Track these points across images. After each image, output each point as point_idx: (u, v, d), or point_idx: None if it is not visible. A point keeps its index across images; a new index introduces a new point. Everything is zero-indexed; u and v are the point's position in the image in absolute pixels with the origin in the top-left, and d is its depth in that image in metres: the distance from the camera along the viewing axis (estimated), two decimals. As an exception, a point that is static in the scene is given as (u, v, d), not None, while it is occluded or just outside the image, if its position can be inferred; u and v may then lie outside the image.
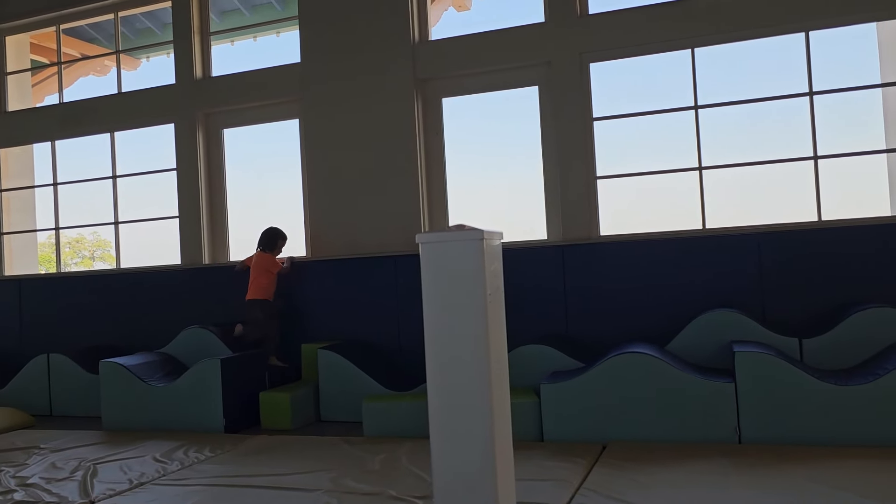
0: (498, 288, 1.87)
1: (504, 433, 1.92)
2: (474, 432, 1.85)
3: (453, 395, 1.90)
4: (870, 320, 4.84)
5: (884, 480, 3.55)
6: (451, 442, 1.91)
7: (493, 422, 1.83)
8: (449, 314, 1.86)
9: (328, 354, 5.84)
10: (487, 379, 1.82)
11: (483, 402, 1.84)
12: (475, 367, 1.84)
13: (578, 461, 4.20)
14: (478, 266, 1.79)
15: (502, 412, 1.89)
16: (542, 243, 6.14)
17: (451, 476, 1.90)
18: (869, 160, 5.73)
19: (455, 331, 1.86)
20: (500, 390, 1.89)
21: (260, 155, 7.59)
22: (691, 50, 5.88)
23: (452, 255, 1.81)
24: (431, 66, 6.50)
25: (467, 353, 1.84)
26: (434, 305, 1.90)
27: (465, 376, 1.85)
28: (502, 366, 1.91)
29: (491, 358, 1.82)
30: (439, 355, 1.93)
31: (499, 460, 1.85)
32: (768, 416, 4.38)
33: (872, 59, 6.18)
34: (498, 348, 1.88)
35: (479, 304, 1.82)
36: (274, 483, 4.17)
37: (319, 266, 6.61)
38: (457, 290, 1.83)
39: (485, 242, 1.80)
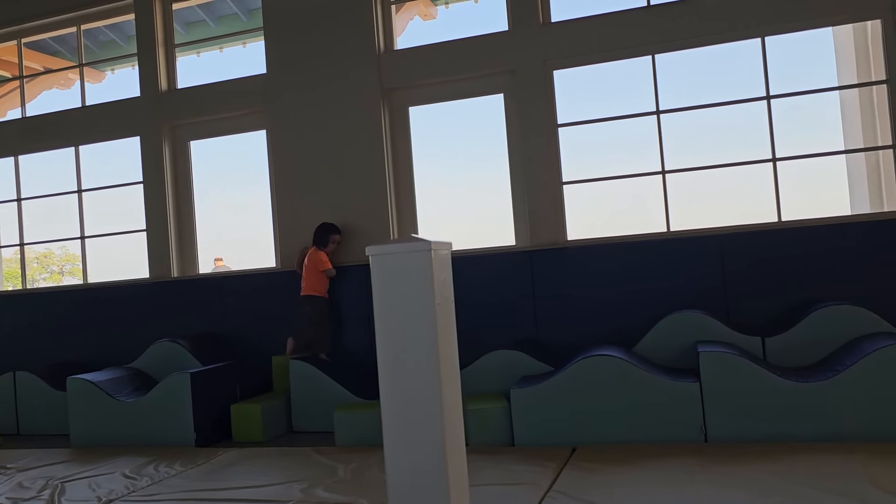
0: (447, 297, 1.91)
1: (456, 438, 1.94)
2: (426, 438, 1.88)
3: (405, 401, 1.93)
4: (829, 318, 4.95)
5: (841, 474, 3.64)
6: (404, 447, 1.93)
7: (444, 427, 1.86)
8: (399, 323, 1.89)
9: (299, 365, 5.84)
10: (437, 385, 1.86)
11: (433, 408, 1.87)
12: (425, 374, 1.87)
13: (548, 465, 4.25)
14: (426, 276, 1.82)
15: (453, 417, 1.92)
16: (511, 249, 6.20)
17: (404, 481, 1.92)
18: (828, 161, 5.87)
19: (405, 339, 1.89)
20: (451, 396, 1.92)
21: (228, 166, 7.58)
22: (652, 56, 5.98)
23: (401, 265, 1.85)
24: (397, 76, 6.54)
25: (417, 360, 1.87)
26: (385, 315, 1.93)
27: (416, 383, 1.88)
28: (453, 372, 1.94)
29: (441, 365, 1.85)
30: (391, 363, 1.96)
31: (451, 465, 1.88)
32: (733, 415, 4.47)
33: (830, 63, 6.35)
34: (448, 355, 1.91)
35: (428, 312, 1.85)
36: (245, 496, 4.16)
37: (288, 277, 6.60)
38: (406, 300, 1.87)
39: (433, 253, 1.84)
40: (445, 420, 1.87)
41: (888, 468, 3.67)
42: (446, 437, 1.88)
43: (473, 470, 4.24)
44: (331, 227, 6.35)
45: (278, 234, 6.84)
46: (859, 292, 5.17)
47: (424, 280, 1.82)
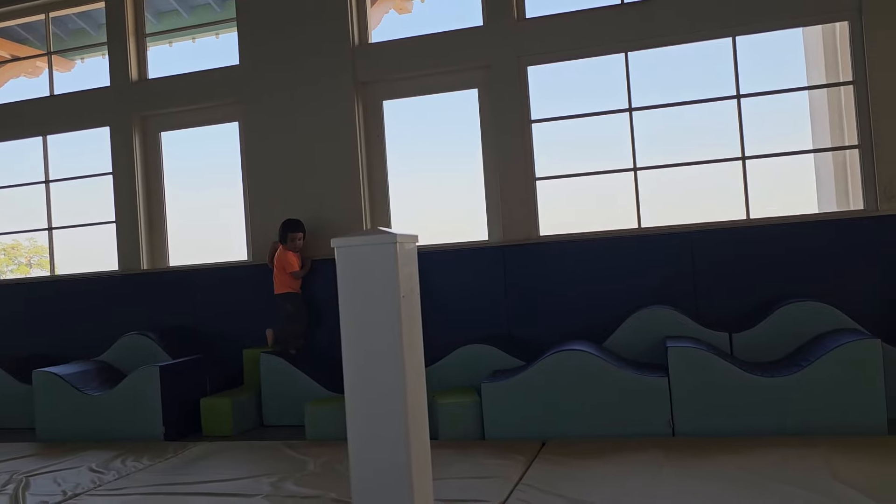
0: (412, 289, 1.91)
1: (420, 431, 1.95)
2: (390, 431, 1.88)
3: (369, 394, 1.93)
4: (795, 314, 5.03)
5: (803, 467, 3.71)
6: (368, 440, 1.93)
7: (408, 420, 1.86)
8: (364, 315, 1.89)
9: (270, 359, 5.81)
10: (402, 378, 1.86)
11: (398, 401, 1.87)
12: (390, 367, 1.87)
13: (518, 458, 4.28)
14: (391, 268, 1.82)
15: (418, 410, 1.93)
16: (484, 244, 6.21)
17: (368, 474, 1.92)
18: (796, 160, 5.96)
19: (370, 331, 1.89)
20: (415, 389, 1.92)
21: (200, 158, 7.50)
22: (625, 54, 6.02)
23: (366, 258, 1.84)
24: (372, 69, 6.52)
25: (382, 352, 1.87)
26: (349, 307, 1.93)
27: (381, 376, 1.88)
28: (418, 365, 1.95)
29: (405, 357, 1.86)
30: (355, 355, 1.96)
31: (415, 458, 1.88)
32: (700, 409, 4.53)
33: (799, 63, 6.44)
34: (413, 348, 1.91)
35: (393, 305, 1.85)
36: (213, 490, 4.14)
37: (261, 271, 6.55)
38: (371, 292, 1.86)
39: (398, 245, 1.84)
40: (410, 413, 1.87)
41: (849, 461, 3.75)
42: (410, 430, 1.88)
43: (444, 463, 4.27)
44: (292, 224, 6.21)
45: (250, 227, 6.78)
46: (824, 289, 5.26)
47: (389, 273, 1.82)
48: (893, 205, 5.40)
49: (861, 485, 3.36)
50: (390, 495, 1.88)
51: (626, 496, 3.49)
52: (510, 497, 3.61)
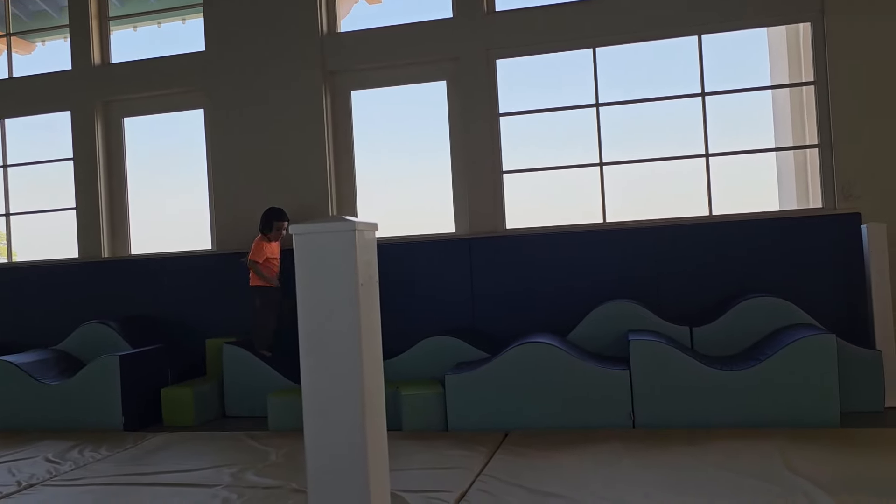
0: (371, 278, 1.90)
1: (377, 419, 1.94)
2: (346, 421, 1.87)
3: (326, 383, 1.92)
4: (754, 309, 5.12)
5: (758, 458, 3.79)
6: (324, 428, 1.92)
7: (364, 408, 1.86)
8: (321, 303, 1.88)
9: (233, 349, 5.75)
10: (359, 366, 1.85)
11: (354, 389, 1.86)
12: (346, 356, 1.86)
13: (480, 449, 4.30)
14: (349, 256, 1.82)
15: (375, 398, 1.92)
16: (450, 236, 6.22)
17: (323, 463, 1.91)
18: (759, 158, 6.07)
19: (327, 319, 1.88)
20: (372, 378, 1.91)
21: (164, 145, 7.38)
22: (593, 49, 6.06)
23: (325, 245, 1.83)
24: (340, 59, 6.47)
25: (339, 341, 1.86)
26: (307, 295, 1.92)
27: (337, 364, 1.87)
28: (375, 354, 1.94)
29: (362, 346, 1.85)
30: (312, 343, 1.94)
31: (371, 449, 1.88)
32: (660, 402, 4.59)
33: (763, 63, 6.54)
34: (370, 336, 1.90)
35: (351, 293, 1.84)
36: (172, 480, 4.09)
37: (225, 260, 6.48)
38: (329, 280, 1.85)
39: (357, 233, 1.83)
40: (366, 401, 1.87)
41: (802, 452, 3.83)
42: (367, 418, 1.87)
43: (407, 454, 4.28)
44: (276, 212, 6.00)
45: (215, 216, 6.71)
46: (783, 285, 5.37)
47: (347, 260, 1.81)
48: (850, 204, 5.52)
49: (812, 475, 3.44)
50: (346, 485, 1.87)
51: (585, 486, 3.53)
52: (471, 487, 3.63)
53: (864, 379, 4.73)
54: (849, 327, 5.20)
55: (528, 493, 3.48)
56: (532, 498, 3.42)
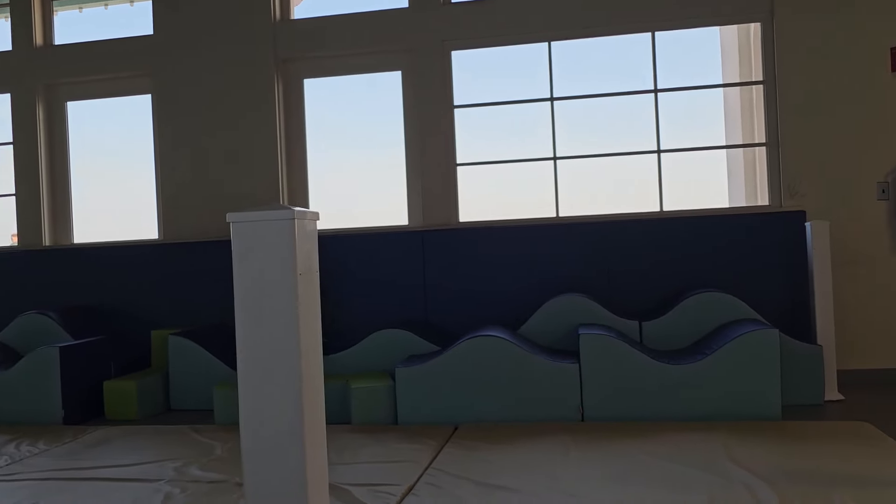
0: (311, 268, 1.86)
1: (315, 413, 1.90)
2: (283, 413, 1.83)
3: (262, 374, 1.87)
4: (701, 304, 5.20)
5: (702, 451, 3.84)
6: (260, 421, 1.88)
7: (302, 402, 1.82)
8: (258, 293, 1.83)
9: (179, 340, 5.62)
10: (297, 358, 1.80)
11: (292, 381, 1.82)
12: (284, 347, 1.82)
13: (429, 443, 4.27)
14: (288, 245, 1.77)
15: (313, 392, 1.88)
16: (403, 228, 6.18)
17: (259, 457, 1.87)
18: (709, 155, 6.16)
19: (264, 309, 1.83)
20: (310, 370, 1.87)
21: (109, 131, 7.17)
22: (548, 43, 6.08)
23: (262, 233, 1.79)
24: (293, 46, 6.36)
25: (276, 331, 1.81)
26: (244, 284, 1.86)
27: (274, 356, 1.82)
28: (314, 346, 1.89)
29: (300, 337, 1.81)
30: (248, 335, 1.90)
31: (308, 441, 1.83)
32: (608, 395, 4.63)
33: (716, 61, 6.64)
34: (309, 327, 1.85)
35: (289, 283, 1.80)
36: (112, 475, 3.98)
37: (172, 249, 6.34)
38: (266, 269, 1.80)
39: (296, 222, 1.79)
40: (305, 395, 1.82)
41: (744, 445, 3.90)
42: (305, 413, 1.83)
43: (355, 448, 4.24)
44: None
45: (162, 205, 6.54)
46: (731, 281, 5.46)
47: (286, 249, 1.76)
48: (795, 202, 5.64)
49: (753, 467, 3.51)
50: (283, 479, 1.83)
51: (533, 479, 3.53)
52: (419, 481, 3.60)
53: (805, 373, 4.85)
54: (792, 322, 5.32)
55: (475, 487, 3.47)
56: (480, 491, 3.41)
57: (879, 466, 3.46)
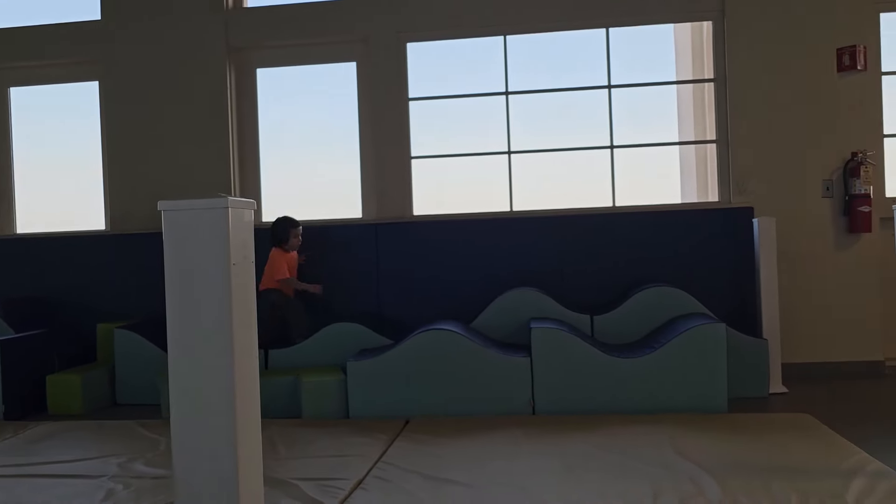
0: (246, 258, 1.82)
1: (249, 408, 1.86)
2: (216, 408, 1.79)
3: (194, 367, 1.83)
4: (652, 298, 5.27)
5: (650, 443, 3.90)
6: (192, 417, 1.83)
7: (235, 394, 1.78)
8: (190, 283, 1.79)
9: (125, 334, 5.49)
10: (230, 350, 1.76)
11: (225, 373, 1.78)
12: (217, 339, 1.77)
13: (380, 436, 4.25)
14: (221, 234, 1.73)
15: (247, 385, 1.84)
16: (357, 221, 6.13)
17: (190, 452, 1.83)
18: (662, 151, 6.25)
19: (197, 301, 1.78)
20: (245, 362, 1.83)
21: (54, 118, 6.95)
22: (504, 37, 6.08)
23: (195, 222, 1.74)
24: (246, 35, 6.25)
25: (208, 323, 1.77)
26: (175, 275, 1.81)
27: (207, 349, 1.78)
28: (249, 338, 1.85)
29: (234, 328, 1.77)
30: (180, 327, 1.85)
31: (240, 437, 1.79)
32: (559, 388, 4.67)
33: (670, 58, 6.72)
34: (243, 319, 1.81)
35: (222, 273, 1.75)
36: (54, 471, 3.87)
37: (119, 240, 6.18)
38: (199, 259, 1.76)
39: (230, 211, 1.75)
40: (238, 389, 1.78)
41: (690, 437, 3.97)
42: (238, 408, 1.79)
43: (305, 442, 4.20)
44: (289, 220, 5.59)
45: (109, 194, 6.38)
46: (681, 275, 5.54)
47: (219, 238, 1.72)
48: (744, 198, 5.75)
49: (699, 458, 3.57)
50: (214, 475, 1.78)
51: (483, 473, 3.54)
52: (368, 475, 3.58)
53: (751, 366, 4.96)
54: (739, 316, 5.42)
55: (425, 480, 3.46)
56: (429, 485, 3.41)
57: (818, 457, 3.55)
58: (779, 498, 3.01)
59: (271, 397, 4.93)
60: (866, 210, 5.58)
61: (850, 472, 3.27)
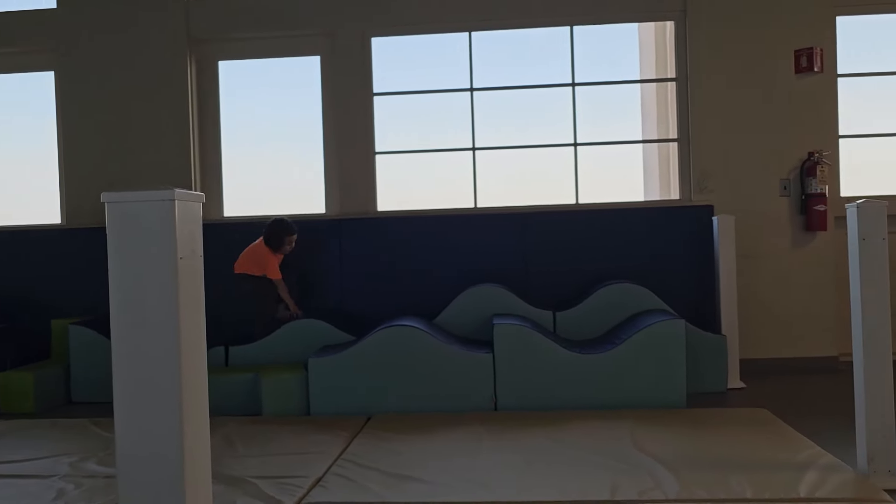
0: (194, 251, 1.77)
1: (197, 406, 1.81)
2: (162, 406, 1.74)
3: (139, 362, 1.78)
4: (613, 295, 5.32)
5: (610, 438, 3.92)
6: (136, 417, 1.78)
7: (182, 393, 1.73)
8: (136, 278, 1.74)
9: (80, 330, 5.37)
10: (176, 345, 1.72)
11: (171, 370, 1.73)
12: (162, 334, 1.73)
13: (341, 433, 4.22)
14: (168, 227, 1.69)
15: (195, 383, 1.79)
16: (321, 217, 6.08)
17: (135, 451, 1.77)
18: (627, 149, 6.31)
19: (142, 296, 1.74)
20: (193, 359, 1.78)
21: (8, 109, 6.77)
22: (469, 33, 6.07)
23: (140, 214, 1.69)
24: (207, 26, 6.15)
25: (154, 318, 1.72)
26: (119, 269, 1.76)
27: (152, 343, 1.73)
28: (196, 334, 1.81)
29: (181, 323, 1.72)
30: (125, 322, 1.80)
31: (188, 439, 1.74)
32: (522, 384, 4.67)
33: (634, 57, 6.79)
34: (191, 313, 1.76)
35: (169, 267, 1.71)
36: (4, 471, 3.76)
37: (76, 234, 6.04)
38: (144, 253, 1.71)
39: (177, 203, 1.71)
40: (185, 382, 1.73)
41: (650, 432, 4.00)
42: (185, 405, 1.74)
43: (265, 440, 4.14)
44: (285, 225, 5.45)
45: (65, 188, 6.23)
46: (642, 272, 5.60)
47: (166, 231, 1.68)
48: (704, 196, 5.83)
49: (657, 453, 3.60)
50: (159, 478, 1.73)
51: (444, 470, 3.53)
52: (328, 472, 3.54)
53: (710, 362, 5.03)
54: (699, 313, 5.49)
55: (385, 477, 3.44)
56: (389, 482, 3.38)
57: (773, 451, 3.61)
58: (735, 490, 3.05)
59: (231, 395, 4.87)
60: (822, 209, 5.69)
61: (803, 466, 3.33)
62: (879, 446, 3.17)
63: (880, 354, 3.17)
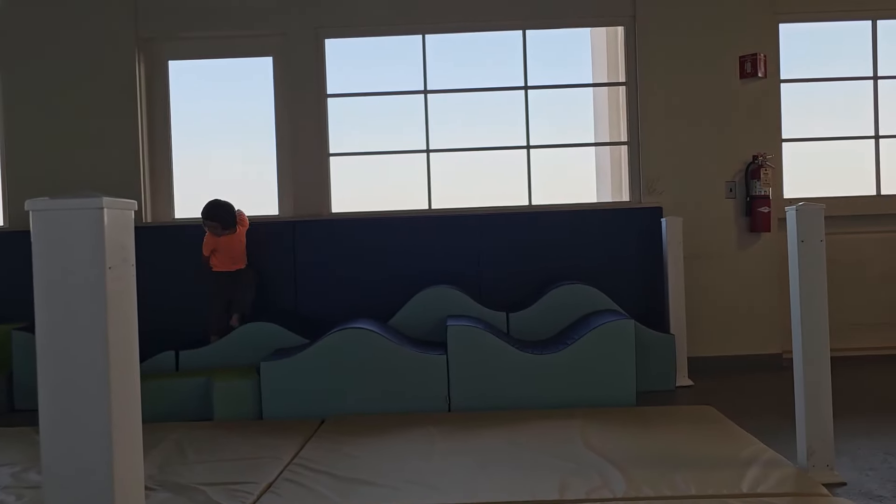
0: (125, 260, 1.74)
1: (128, 420, 1.78)
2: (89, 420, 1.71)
3: (65, 378, 1.74)
4: (566, 295, 5.38)
5: (560, 437, 3.98)
6: (63, 433, 1.75)
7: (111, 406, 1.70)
8: (62, 289, 1.70)
9: (23, 336, 5.23)
10: (105, 357, 1.68)
11: (100, 381, 1.70)
12: (91, 348, 1.69)
13: (294, 437, 4.19)
14: (97, 236, 1.66)
15: (126, 395, 1.76)
16: (274, 218, 6.03)
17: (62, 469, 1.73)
18: (580, 152, 6.40)
19: (68, 308, 1.70)
20: (123, 372, 1.75)
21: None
22: (422, 36, 6.08)
23: (66, 223, 1.65)
24: (156, 25, 6.05)
25: (83, 328, 1.69)
26: (45, 279, 1.72)
27: (79, 357, 1.70)
28: (128, 345, 1.77)
29: (109, 334, 1.69)
30: (51, 334, 1.76)
31: (118, 447, 1.72)
32: (475, 385, 4.71)
33: (587, 61, 6.88)
34: (121, 324, 1.72)
35: (97, 277, 1.68)
36: (-59, 483, 3.65)
37: (19, 238, 5.87)
38: (71, 263, 1.67)
39: (106, 211, 1.67)
40: (114, 394, 1.70)
41: (599, 431, 4.07)
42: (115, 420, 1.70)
43: (216, 446, 4.09)
44: (204, 209, 5.47)
45: (8, 190, 6.06)
46: (594, 273, 5.68)
47: (94, 240, 1.64)
48: (653, 198, 5.94)
49: (606, 451, 3.66)
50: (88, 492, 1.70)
51: (396, 472, 3.53)
52: (279, 478, 3.52)
53: (659, 360, 5.13)
54: (648, 312, 5.60)
55: (336, 482, 3.43)
56: (340, 486, 3.37)
57: (718, 447, 3.70)
58: (680, 488, 3.12)
59: (182, 399, 4.80)
60: (766, 210, 5.85)
61: (746, 462, 3.42)
62: (818, 442, 3.28)
63: (818, 353, 3.28)
